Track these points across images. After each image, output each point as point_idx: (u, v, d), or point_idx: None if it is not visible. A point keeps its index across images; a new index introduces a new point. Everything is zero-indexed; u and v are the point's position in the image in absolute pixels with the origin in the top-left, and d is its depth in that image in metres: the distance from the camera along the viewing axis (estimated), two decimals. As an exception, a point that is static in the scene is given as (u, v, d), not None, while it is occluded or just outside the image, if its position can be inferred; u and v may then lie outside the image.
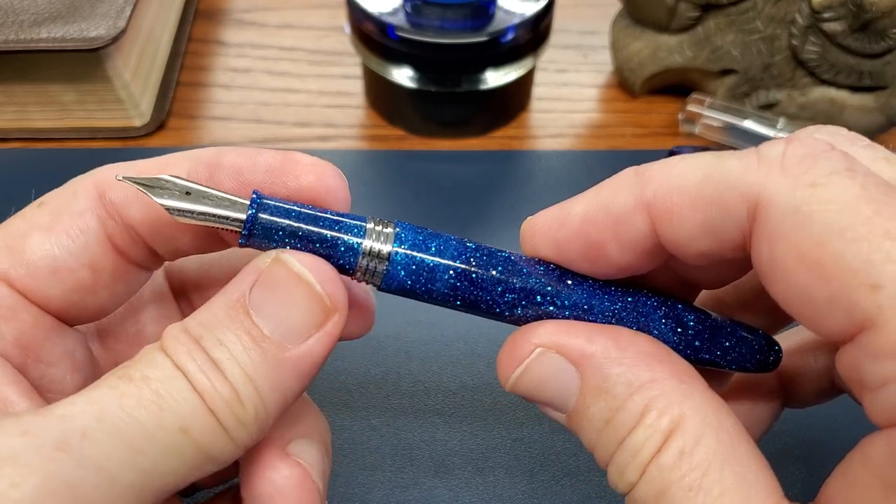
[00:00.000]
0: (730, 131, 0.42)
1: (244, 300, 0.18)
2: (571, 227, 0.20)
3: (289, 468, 0.20)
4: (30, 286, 0.19)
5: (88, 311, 0.21)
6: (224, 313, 0.18)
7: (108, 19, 0.39)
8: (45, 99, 0.42)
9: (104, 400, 0.16)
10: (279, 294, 0.18)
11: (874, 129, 0.43)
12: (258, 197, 0.19)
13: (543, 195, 0.41)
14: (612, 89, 0.48)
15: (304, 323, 0.18)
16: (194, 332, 0.18)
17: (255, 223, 0.19)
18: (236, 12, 0.52)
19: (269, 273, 0.18)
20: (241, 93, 0.47)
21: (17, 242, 0.20)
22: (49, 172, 0.42)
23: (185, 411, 0.17)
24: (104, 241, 0.20)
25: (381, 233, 0.19)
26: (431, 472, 0.31)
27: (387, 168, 0.43)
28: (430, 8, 0.39)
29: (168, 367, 0.17)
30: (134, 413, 0.16)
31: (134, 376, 0.17)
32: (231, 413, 0.17)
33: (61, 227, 0.20)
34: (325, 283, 0.19)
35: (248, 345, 0.18)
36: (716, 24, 0.42)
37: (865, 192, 0.16)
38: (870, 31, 0.38)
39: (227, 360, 0.17)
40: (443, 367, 0.35)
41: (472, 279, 0.20)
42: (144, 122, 0.43)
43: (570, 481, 0.31)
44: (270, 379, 0.18)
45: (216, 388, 0.17)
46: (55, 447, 0.15)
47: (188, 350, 0.17)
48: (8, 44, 0.38)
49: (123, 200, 0.20)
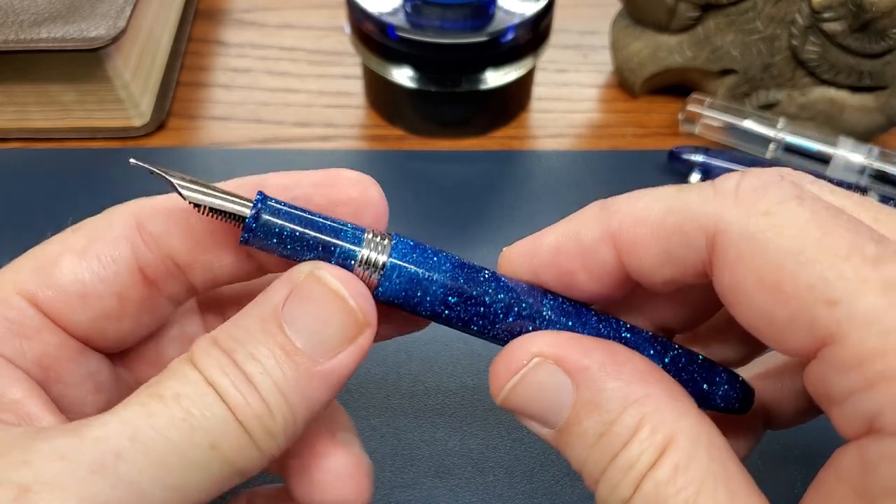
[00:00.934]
0: (730, 131, 0.42)
1: (277, 314, 0.18)
2: (543, 257, 0.21)
3: (344, 455, 0.21)
4: (56, 308, 0.20)
5: (111, 340, 0.21)
6: (257, 327, 0.18)
7: (108, 19, 0.39)
8: (45, 99, 0.42)
9: (136, 420, 0.17)
10: (313, 308, 0.18)
11: (874, 129, 0.43)
12: (263, 197, 0.19)
13: (543, 195, 0.41)
14: (612, 89, 0.48)
15: (338, 337, 0.19)
16: (226, 345, 0.18)
17: (258, 222, 0.19)
18: (236, 12, 0.52)
19: (304, 287, 0.19)
20: (241, 93, 0.47)
21: (48, 265, 0.20)
22: (49, 172, 0.42)
23: (215, 428, 0.17)
24: (135, 271, 0.20)
25: (378, 243, 0.20)
26: (431, 472, 0.31)
27: (387, 168, 0.43)
28: (430, 8, 0.39)
29: (199, 384, 0.17)
30: (165, 432, 0.17)
31: (165, 394, 0.17)
32: (261, 426, 0.18)
33: (94, 253, 0.20)
34: (358, 298, 0.19)
35: (281, 359, 0.18)
36: (716, 24, 0.42)
37: (814, 217, 0.17)
38: (870, 31, 0.38)
39: (260, 374, 0.18)
40: (443, 367, 0.35)
41: (462, 295, 0.20)
42: (144, 122, 0.43)
43: (570, 481, 0.31)
44: (301, 392, 0.18)
45: (248, 402, 0.17)
46: (90, 470, 0.16)
47: (219, 365, 0.17)
48: (8, 44, 0.38)
49: (163, 230, 0.20)
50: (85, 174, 0.42)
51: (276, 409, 0.18)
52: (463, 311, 0.20)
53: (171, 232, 0.20)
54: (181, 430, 0.17)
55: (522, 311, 0.20)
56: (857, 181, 0.40)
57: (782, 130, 0.41)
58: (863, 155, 0.40)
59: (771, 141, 0.42)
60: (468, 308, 0.20)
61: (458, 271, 0.20)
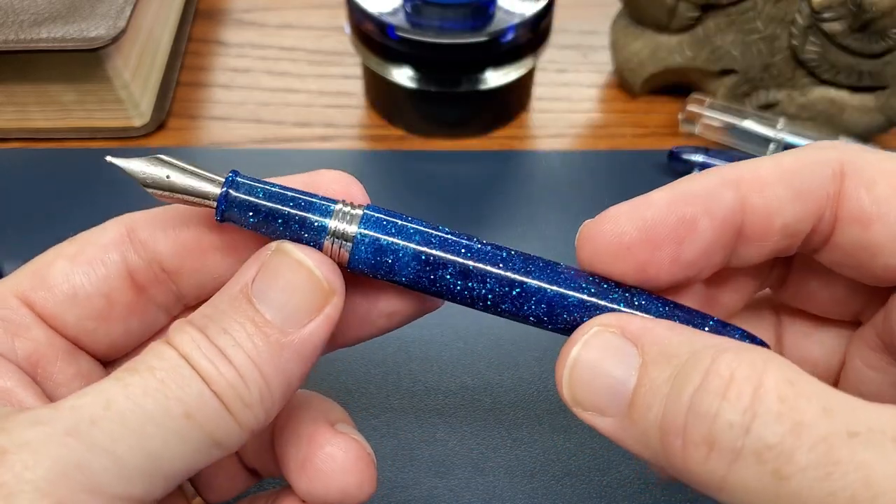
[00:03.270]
0: (730, 131, 0.42)
1: (247, 290, 0.19)
2: (660, 206, 0.19)
3: (345, 442, 0.21)
4: (47, 308, 0.21)
5: (102, 343, 0.22)
6: (227, 304, 0.19)
7: (108, 19, 0.39)
8: (45, 99, 0.42)
9: (111, 391, 0.17)
10: (280, 280, 0.19)
11: (874, 129, 0.43)
12: (234, 175, 0.20)
13: (543, 195, 0.41)
14: (612, 89, 0.48)
15: (305, 307, 0.19)
16: (199, 323, 0.18)
17: (228, 199, 0.20)
18: (236, 12, 0.52)
19: (270, 261, 0.19)
20: (241, 93, 0.47)
21: (42, 268, 0.21)
22: (49, 172, 0.42)
23: (189, 398, 0.17)
24: (124, 275, 0.21)
25: (348, 213, 0.20)
26: (431, 472, 0.31)
27: (387, 168, 0.43)
28: (430, 8, 0.39)
29: (173, 357, 0.18)
30: (139, 401, 0.17)
31: (139, 368, 0.18)
32: (236, 397, 0.18)
33: (85, 257, 0.21)
34: (322, 267, 0.19)
35: (252, 331, 0.18)
36: (716, 24, 0.42)
37: None
38: (870, 31, 0.38)
39: (232, 346, 0.18)
40: (443, 367, 0.35)
41: (434, 263, 0.20)
42: (144, 122, 0.43)
43: (570, 481, 0.31)
44: (274, 363, 0.18)
45: (221, 373, 0.18)
46: (65, 434, 0.16)
47: (193, 339, 0.18)
48: (8, 44, 0.38)
49: (151, 235, 0.21)
50: (85, 174, 0.42)
51: (250, 381, 0.18)
52: (437, 280, 0.20)
53: (157, 237, 0.21)
54: (156, 399, 0.17)
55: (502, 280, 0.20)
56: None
57: (782, 130, 0.41)
58: (863, 155, 0.40)
59: (771, 141, 0.42)
60: (442, 278, 0.20)
61: (429, 237, 0.20)
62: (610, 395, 0.18)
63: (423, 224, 0.20)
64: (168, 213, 0.21)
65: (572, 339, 0.19)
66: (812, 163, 0.19)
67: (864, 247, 0.19)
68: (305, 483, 0.21)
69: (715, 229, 0.19)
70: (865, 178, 0.19)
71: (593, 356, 0.18)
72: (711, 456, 0.16)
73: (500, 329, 0.36)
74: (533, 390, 0.34)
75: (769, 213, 0.19)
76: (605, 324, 0.19)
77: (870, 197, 0.19)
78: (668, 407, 0.16)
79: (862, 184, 0.19)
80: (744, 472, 0.15)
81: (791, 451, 0.15)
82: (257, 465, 0.24)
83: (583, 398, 0.19)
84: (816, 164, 0.19)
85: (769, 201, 0.19)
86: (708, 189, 0.19)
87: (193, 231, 0.21)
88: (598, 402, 0.18)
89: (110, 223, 0.22)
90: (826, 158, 0.19)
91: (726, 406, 0.15)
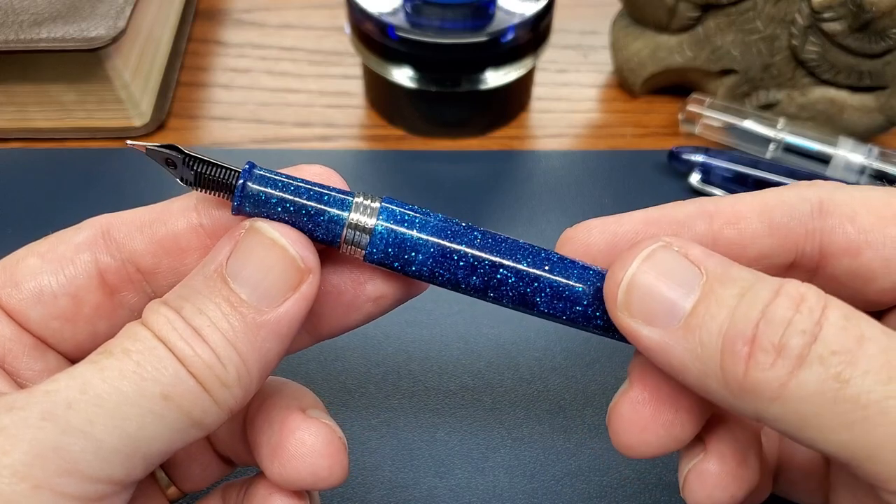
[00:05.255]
0: (730, 131, 0.42)
1: (221, 269, 0.19)
2: (631, 225, 0.21)
3: (316, 426, 0.21)
4: (12, 304, 0.21)
5: (68, 342, 0.21)
6: (202, 284, 0.19)
7: (108, 19, 0.39)
8: (45, 99, 0.42)
9: (86, 374, 0.17)
10: (254, 259, 0.19)
11: (874, 130, 0.43)
12: (250, 166, 0.20)
13: (543, 195, 0.41)
14: (612, 89, 0.48)
15: (281, 285, 0.19)
16: (174, 304, 0.18)
17: (245, 191, 0.19)
18: (236, 12, 0.52)
19: (243, 240, 0.19)
20: (241, 93, 0.47)
21: (12, 264, 0.21)
22: (49, 172, 0.42)
23: (166, 378, 0.17)
24: (94, 275, 0.21)
25: (367, 206, 0.20)
26: (431, 472, 0.32)
27: (387, 168, 0.43)
28: (430, 8, 0.39)
29: (149, 339, 0.18)
30: (116, 384, 0.17)
31: (114, 351, 0.18)
32: (213, 376, 0.18)
33: (55, 255, 0.21)
34: (296, 245, 0.19)
35: (227, 311, 0.18)
36: (716, 24, 0.42)
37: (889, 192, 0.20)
38: (870, 31, 0.38)
39: (208, 326, 0.18)
40: (443, 367, 0.35)
41: (452, 256, 0.20)
42: (144, 122, 0.43)
43: (570, 481, 0.31)
44: (250, 341, 0.18)
45: (197, 353, 0.18)
46: (41, 417, 0.16)
47: (168, 320, 0.18)
48: (8, 44, 0.38)
49: (127, 234, 0.21)
50: (85, 174, 0.42)
51: (226, 360, 0.18)
52: (454, 273, 0.20)
53: (133, 236, 0.21)
54: (132, 381, 0.17)
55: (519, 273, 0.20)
56: (857, 181, 0.40)
57: (782, 130, 0.41)
58: (863, 155, 0.40)
59: (771, 141, 0.42)
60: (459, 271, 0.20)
61: (451, 232, 0.20)
62: (667, 305, 0.18)
63: (440, 217, 0.20)
64: (147, 213, 0.21)
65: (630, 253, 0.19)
66: (790, 200, 0.20)
67: (857, 275, 0.20)
68: (277, 468, 0.21)
69: None
70: (847, 212, 0.20)
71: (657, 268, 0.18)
72: (777, 362, 0.16)
73: (500, 329, 0.36)
74: (533, 390, 0.34)
75: (743, 245, 0.20)
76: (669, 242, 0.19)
77: (855, 228, 0.20)
78: (738, 316, 0.17)
79: (845, 217, 0.20)
80: (807, 375, 0.16)
81: (855, 358, 0.16)
82: (230, 454, 0.24)
83: (636, 305, 0.18)
84: (795, 201, 0.20)
85: (743, 233, 0.20)
86: (682, 217, 0.20)
87: (171, 230, 0.21)
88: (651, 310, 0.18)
89: (86, 223, 0.21)
90: (804, 196, 0.20)
91: (798, 318, 0.17)
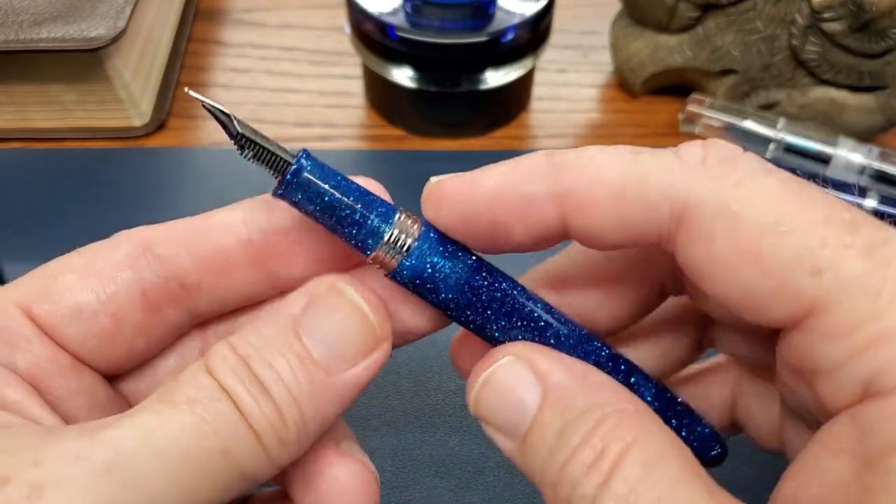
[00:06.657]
0: (730, 131, 0.42)
1: (296, 323, 0.18)
2: (479, 203, 0.19)
3: (351, 464, 0.21)
4: (50, 322, 0.20)
5: (106, 360, 0.21)
6: (274, 334, 0.18)
7: (108, 19, 0.39)
8: (45, 99, 0.42)
9: (149, 424, 0.17)
10: (333, 319, 0.19)
11: (874, 129, 0.43)
12: (304, 153, 0.19)
13: (543, 195, 0.41)
14: (612, 89, 0.48)
15: (354, 350, 0.19)
16: (242, 351, 0.18)
17: (298, 175, 0.19)
18: (236, 12, 0.52)
19: (323, 298, 0.19)
20: (241, 93, 0.47)
21: (47, 280, 0.20)
22: (49, 172, 0.42)
23: (227, 433, 0.17)
24: (135, 294, 0.20)
25: (407, 225, 0.20)
26: (431, 472, 0.31)
27: (387, 168, 0.43)
28: (430, 8, 0.39)
29: (213, 389, 0.17)
30: (177, 437, 0.17)
31: (178, 400, 0.17)
32: (274, 434, 0.18)
33: (93, 272, 0.20)
34: (377, 312, 0.19)
35: (297, 367, 0.18)
36: (716, 24, 0.42)
37: (786, 186, 0.17)
38: (870, 31, 0.38)
39: (275, 381, 0.18)
40: (443, 367, 0.34)
41: (477, 293, 0.20)
42: (144, 122, 0.43)
43: (570, 481, 0.31)
44: (315, 402, 0.18)
45: (262, 409, 0.17)
46: (104, 469, 0.16)
47: (234, 370, 0.18)
48: (8, 44, 0.38)
49: (171, 251, 0.20)
50: (85, 174, 0.42)
51: (288, 418, 0.18)
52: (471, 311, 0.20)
53: (178, 252, 0.20)
54: (193, 435, 0.17)
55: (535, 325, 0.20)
56: (857, 181, 0.40)
57: (782, 130, 0.41)
58: (863, 155, 0.40)
59: (771, 141, 0.42)
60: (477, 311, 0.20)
61: (477, 271, 0.20)
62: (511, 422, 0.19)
63: (474, 254, 0.20)
64: (186, 227, 0.21)
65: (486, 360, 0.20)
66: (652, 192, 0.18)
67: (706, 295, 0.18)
68: (309, 501, 0.21)
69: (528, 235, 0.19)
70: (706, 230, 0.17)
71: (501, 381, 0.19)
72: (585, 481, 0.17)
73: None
74: (533, 390, 0.34)
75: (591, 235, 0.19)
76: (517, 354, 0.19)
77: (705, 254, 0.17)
78: (549, 460, 0.18)
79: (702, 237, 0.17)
80: None
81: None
82: None
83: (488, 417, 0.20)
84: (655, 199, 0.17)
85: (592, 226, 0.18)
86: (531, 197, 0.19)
87: (218, 246, 0.20)
88: (501, 425, 0.19)
89: (122, 236, 0.21)
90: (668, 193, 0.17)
91: (586, 480, 0.17)
